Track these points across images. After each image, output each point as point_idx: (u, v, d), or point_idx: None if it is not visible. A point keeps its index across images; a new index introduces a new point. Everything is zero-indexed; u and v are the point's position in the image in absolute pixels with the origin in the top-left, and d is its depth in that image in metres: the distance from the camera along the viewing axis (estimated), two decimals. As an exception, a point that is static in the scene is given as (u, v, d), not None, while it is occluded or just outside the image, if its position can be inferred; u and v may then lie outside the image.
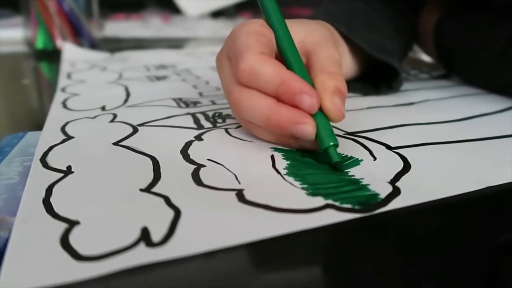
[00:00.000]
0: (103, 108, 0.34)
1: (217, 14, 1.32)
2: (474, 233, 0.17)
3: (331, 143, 0.22)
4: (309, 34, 0.27)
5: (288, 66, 0.24)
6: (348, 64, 0.35)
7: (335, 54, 0.26)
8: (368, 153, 0.24)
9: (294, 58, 0.25)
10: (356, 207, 0.18)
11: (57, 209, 0.18)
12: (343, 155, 0.24)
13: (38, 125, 0.30)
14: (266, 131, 0.25)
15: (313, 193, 0.20)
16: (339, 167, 0.22)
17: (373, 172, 0.22)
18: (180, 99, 0.36)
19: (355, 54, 0.35)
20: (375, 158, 0.23)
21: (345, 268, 0.16)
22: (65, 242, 0.16)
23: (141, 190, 0.20)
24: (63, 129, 0.28)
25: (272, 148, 0.25)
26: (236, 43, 0.24)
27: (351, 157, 0.24)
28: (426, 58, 0.53)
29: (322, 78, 0.24)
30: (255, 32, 0.24)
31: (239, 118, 0.26)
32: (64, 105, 0.35)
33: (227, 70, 0.26)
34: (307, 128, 0.22)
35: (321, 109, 0.23)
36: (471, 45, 0.39)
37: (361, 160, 0.23)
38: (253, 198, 0.19)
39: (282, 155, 0.24)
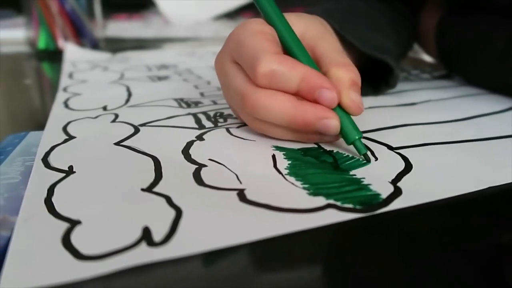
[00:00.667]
0: (104, 108, 0.34)
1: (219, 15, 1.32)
2: (476, 233, 0.17)
3: (357, 137, 0.23)
4: (308, 27, 0.27)
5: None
6: None
7: (337, 44, 0.26)
8: (369, 153, 0.24)
9: (302, 53, 0.25)
10: (358, 207, 0.18)
11: (58, 208, 0.18)
12: (350, 158, 0.24)
13: (40, 125, 0.30)
14: (286, 130, 0.24)
15: (314, 193, 0.20)
16: (368, 158, 0.23)
17: (375, 172, 0.22)
18: (182, 99, 0.36)
19: (349, 52, 0.34)
20: (376, 159, 0.23)
21: (346, 268, 0.16)
22: (66, 241, 0.16)
23: (143, 190, 0.20)
24: (64, 129, 0.28)
25: (274, 147, 0.25)
26: (244, 46, 0.24)
27: (358, 160, 0.23)
28: (427, 58, 0.53)
29: (335, 72, 0.24)
30: (260, 32, 0.24)
31: (252, 119, 0.25)
32: (66, 105, 0.35)
33: (236, 75, 0.25)
34: (333, 122, 0.22)
35: (339, 103, 0.23)
36: (473, 45, 0.39)
37: (366, 162, 0.23)
38: (255, 198, 0.19)
39: (283, 154, 0.24)
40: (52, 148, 0.25)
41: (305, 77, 0.22)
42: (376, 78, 0.37)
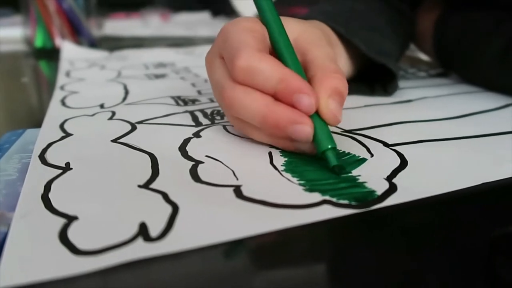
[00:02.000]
0: (101, 106, 0.34)
1: (216, 13, 1.32)
2: (470, 229, 0.17)
3: (329, 146, 0.21)
4: (304, 32, 0.26)
5: (283, 63, 0.23)
6: (344, 65, 0.34)
7: (330, 52, 0.25)
8: (365, 150, 0.24)
9: (290, 55, 0.24)
10: (353, 203, 0.19)
11: (55, 204, 0.18)
12: (345, 154, 0.23)
13: (37, 123, 0.30)
14: (261, 132, 0.24)
15: (310, 189, 0.20)
16: (338, 170, 0.21)
17: (370, 169, 0.22)
18: (179, 97, 0.36)
19: (352, 55, 0.34)
20: (372, 155, 0.24)
21: (341, 263, 0.16)
22: (63, 237, 0.16)
23: (139, 186, 0.20)
24: (61, 127, 0.28)
25: (270, 145, 0.25)
26: (229, 40, 0.23)
27: (353, 156, 0.23)
28: (424, 56, 0.53)
29: (320, 78, 0.23)
30: (249, 29, 0.24)
31: (231, 117, 0.25)
32: (63, 103, 0.35)
33: (218, 68, 0.25)
34: (305, 128, 0.21)
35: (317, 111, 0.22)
36: (472, 44, 0.39)
37: (365, 159, 0.23)
38: (251, 194, 0.19)
39: (279, 151, 0.24)
40: (49, 145, 0.25)
41: (284, 78, 0.21)
42: (372, 78, 0.37)
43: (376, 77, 0.37)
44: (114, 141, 0.26)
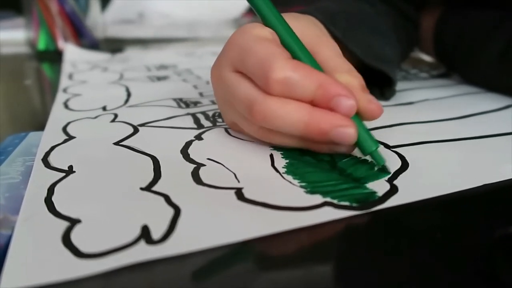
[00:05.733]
0: (104, 108, 0.34)
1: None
2: (471, 230, 0.17)
3: (374, 147, 0.22)
4: (305, 30, 0.26)
5: None
6: None
7: (338, 49, 0.25)
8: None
9: (308, 58, 0.23)
10: (354, 204, 0.19)
11: (58, 207, 0.18)
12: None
13: (40, 126, 0.30)
14: (296, 138, 0.23)
15: (311, 191, 0.20)
16: (387, 169, 0.22)
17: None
18: (181, 99, 0.36)
19: (348, 56, 0.34)
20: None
21: (342, 265, 0.16)
22: (66, 240, 0.16)
23: (142, 189, 0.20)
24: (64, 129, 0.29)
25: (271, 147, 0.25)
26: (250, 53, 0.22)
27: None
28: (426, 57, 0.53)
29: (344, 78, 0.23)
30: (264, 37, 0.23)
31: (257, 129, 0.24)
32: (66, 105, 0.35)
33: (240, 84, 0.23)
34: (350, 131, 0.21)
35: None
36: (472, 44, 0.39)
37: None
38: (252, 196, 0.19)
39: (281, 154, 0.24)
40: (52, 148, 0.25)
41: (322, 84, 0.21)
42: (369, 81, 0.36)
43: (373, 81, 0.36)
44: (117, 143, 0.26)
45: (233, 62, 0.24)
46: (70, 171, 0.22)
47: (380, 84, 0.35)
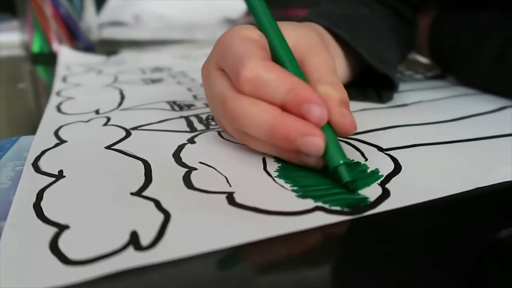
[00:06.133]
0: (97, 112, 0.34)
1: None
2: (463, 234, 0.17)
3: (341, 161, 0.20)
4: (301, 39, 0.25)
5: None
6: (339, 68, 0.33)
7: (330, 61, 0.25)
8: (359, 154, 0.24)
9: (292, 64, 0.23)
10: (345, 209, 0.18)
11: (47, 213, 0.18)
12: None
13: (34, 129, 0.30)
14: (266, 143, 0.22)
15: (303, 195, 0.20)
16: (351, 187, 0.20)
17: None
18: (174, 102, 0.36)
19: (349, 60, 0.34)
20: (366, 160, 0.24)
21: (334, 270, 0.16)
22: (54, 246, 0.16)
23: (132, 194, 0.20)
24: (56, 133, 0.28)
25: (264, 150, 0.25)
26: (230, 51, 0.22)
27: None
28: (421, 58, 0.53)
29: (324, 89, 0.22)
30: (248, 37, 0.23)
31: (232, 129, 0.23)
32: (59, 109, 0.35)
33: (218, 81, 0.23)
34: (317, 141, 0.20)
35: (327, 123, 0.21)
36: (468, 45, 0.39)
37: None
38: (243, 201, 0.19)
39: (273, 157, 0.24)
40: (43, 152, 0.25)
41: (294, 88, 0.20)
42: (366, 84, 0.36)
43: (370, 83, 0.36)
44: (108, 147, 0.26)
45: (216, 60, 0.24)
46: (60, 175, 0.22)
47: (378, 87, 0.35)
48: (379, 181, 0.21)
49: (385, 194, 0.20)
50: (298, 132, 0.20)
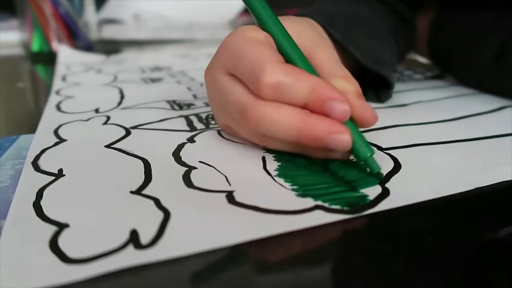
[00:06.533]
0: (96, 111, 0.34)
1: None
2: (462, 234, 0.17)
3: (369, 154, 0.21)
4: (303, 34, 0.25)
5: None
6: None
7: (335, 55, 0.25)
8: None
9: (303, 62, 0.23)
10: (345, 208, 0.18)
11: (47, 212, 0.18)
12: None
13: (34, 128, 0.30)
14: (290, 143, 0.22)
15: (302, 194, 0.20)
16: (382, 176, 0.21)
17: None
18: (174, 101, 0.36)
19: (344, 58, 0.33)
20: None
21: (333, 269, 0.16)
22: (54, 245, 0.16)
23: (132, 192, 0.20)
24: (56, 132, 0.28)
25: (264, 149, 0.25)
26: (242, 55, 0.22)
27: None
28: (421, 58, 0.53)
29: (339, 83, 0.22)
30: (257, 40, 0.22)
31: (252, 133, 0.23)
32: (58, 107, 0.35)
33: (231, 88, 0.23)
34: (344, 137, 0.20)
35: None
36: (467, 45, 0.39)
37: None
38: (243, 199, 0.19)
39: (273, 156, 0.24)
40: (43, 151, 0.25)
41: (314, 88, 0.20)
42: (365, 83, 0.36)
43: (369, 83, 0.36)
44: (108, 146, 0.26)
45: (225, 65, 0.23)
46: (60, 174, 0.22)
47: (376, 87, 0.35)
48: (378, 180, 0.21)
49: (385, 193, 0.20)
50: (326, 131, 0.20)
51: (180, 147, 0.25)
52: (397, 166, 0.23)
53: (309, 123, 0.20)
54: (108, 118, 0.32)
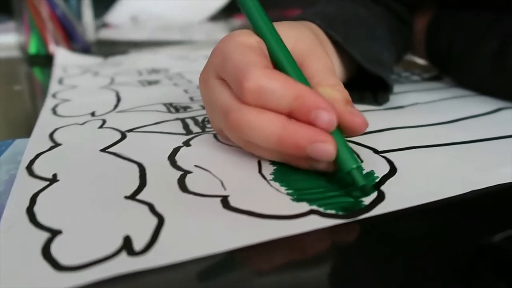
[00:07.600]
0: (92, 114, 0.34)
1: (212, 17, 1.32)
2: (458, 237, 0.17)
3: (354, 166, 0.20)
4: (299, 40, 0.25)
5: None
6: (335, 69, 0.33)
7: (328, 63, 0.24)
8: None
9: (293, 69, 0.22)
10: (340, 213, 0.18)
11: (40, 218, 0.18)
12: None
13: (30, 131, 0.30)
14: (274, 151, 0.22)
15: (298, 198, 0.20)
16: (367, 190, 0.20)
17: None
18: (171, 104, 0.36)
19: (345, 61, 0.34)
20: (361, 161, 0.23)
21: (328, 274, 0.16)
22: (46, 252, 0.16)
23: (126, 197, 0.20)
24: (51, 136, 0.28)
25: (260, 153, 0.25)
26: (229, 59, 0.22)
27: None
28: (418, 60, 0.53)
29: (327, 91, 0.22)
30: (247, 45, 0.22)
31: (238, 139, 0.23)
32: (54, 111, 0.35)
33: (220, 91, 0.23)
34: (328, 147, 0.19)
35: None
36: (464, 46, 0.39)
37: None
38: (238, 204, 0.19)
39: (269, 160, 0.24)
40: (37, 155, 0.25)
41: (300, 95, 0.20)
42: (363, 86, 0.36)
43: (366, 85, 0.36)
44: (103, 150, 0.26)
45: (215, 69, 0.23)
46: (54, 179, 0.22)
47: (374, 89, 0.35)
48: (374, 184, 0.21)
49: (380, 197, 0.20)
50: (308, 139, 0.19)
51: (176, 150, 0.25)
52: (393, 169, 0.23)
53: (291, 130, 0.20)
54: (104, 121, 0.31)
